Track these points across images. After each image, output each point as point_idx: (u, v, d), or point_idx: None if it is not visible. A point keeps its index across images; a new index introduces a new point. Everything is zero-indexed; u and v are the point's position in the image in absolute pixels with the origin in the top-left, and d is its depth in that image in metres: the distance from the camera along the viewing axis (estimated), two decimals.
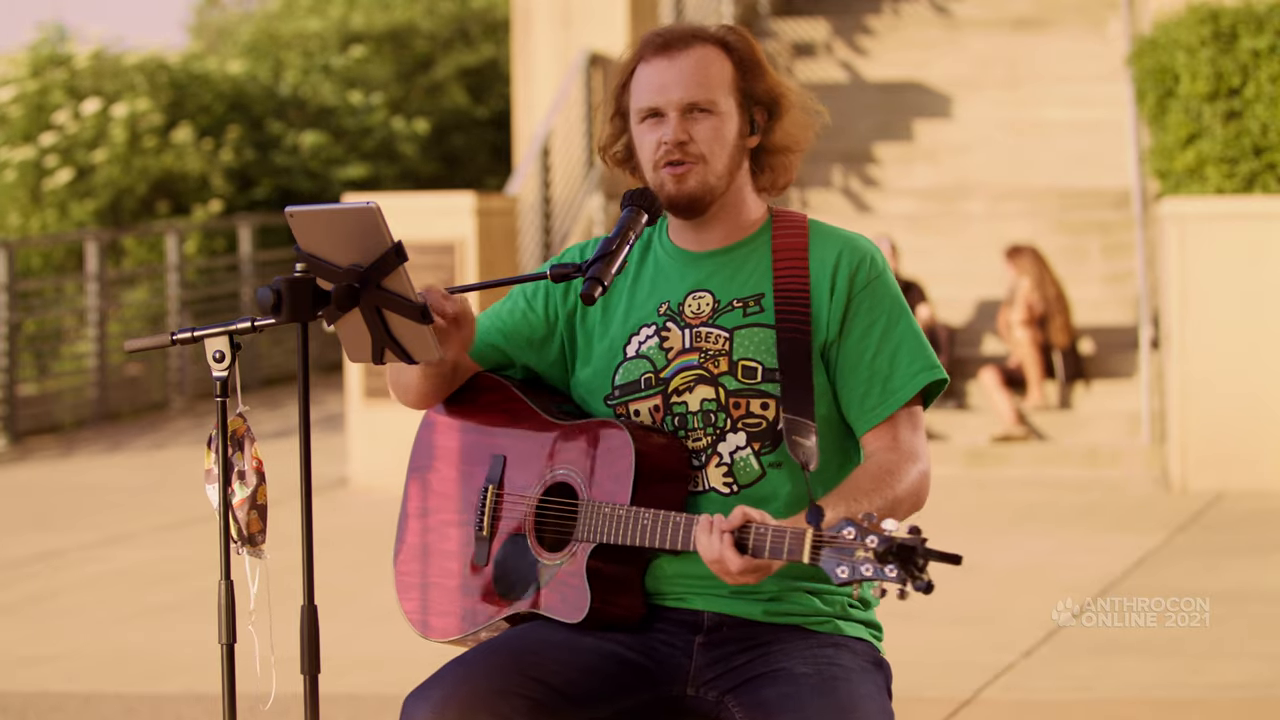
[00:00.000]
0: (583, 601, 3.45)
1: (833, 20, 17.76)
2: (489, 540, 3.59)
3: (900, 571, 3.13)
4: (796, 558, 3.24)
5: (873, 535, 3.16)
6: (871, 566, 3.15)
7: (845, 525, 3.19)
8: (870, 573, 3.15)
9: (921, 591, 3.13)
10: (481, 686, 3.34)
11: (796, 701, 3.37)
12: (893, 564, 3.13)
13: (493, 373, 3.69)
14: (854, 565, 3.17)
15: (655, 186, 3.54)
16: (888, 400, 3.52)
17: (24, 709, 7.16)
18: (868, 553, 3.16)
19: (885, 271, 3.57)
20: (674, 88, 3.50)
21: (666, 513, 3.40)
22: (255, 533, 3.44)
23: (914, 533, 3.14)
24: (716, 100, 3.51)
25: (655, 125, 3.52)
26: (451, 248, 13.32)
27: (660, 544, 3.40)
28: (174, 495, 13.29)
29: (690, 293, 3.58)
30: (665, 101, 3.51)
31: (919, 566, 3.13)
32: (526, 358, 3.68)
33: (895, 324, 3.54)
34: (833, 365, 3.53)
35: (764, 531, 3.28)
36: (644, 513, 3.41)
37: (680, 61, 3.51)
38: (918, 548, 3.13)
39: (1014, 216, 15.38)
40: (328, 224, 3.32)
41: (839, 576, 3.17)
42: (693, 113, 3.51)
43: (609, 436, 3.49)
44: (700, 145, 3.50)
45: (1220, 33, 13.17)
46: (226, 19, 34.74)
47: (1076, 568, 9.60)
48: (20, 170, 21.66)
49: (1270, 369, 12.23)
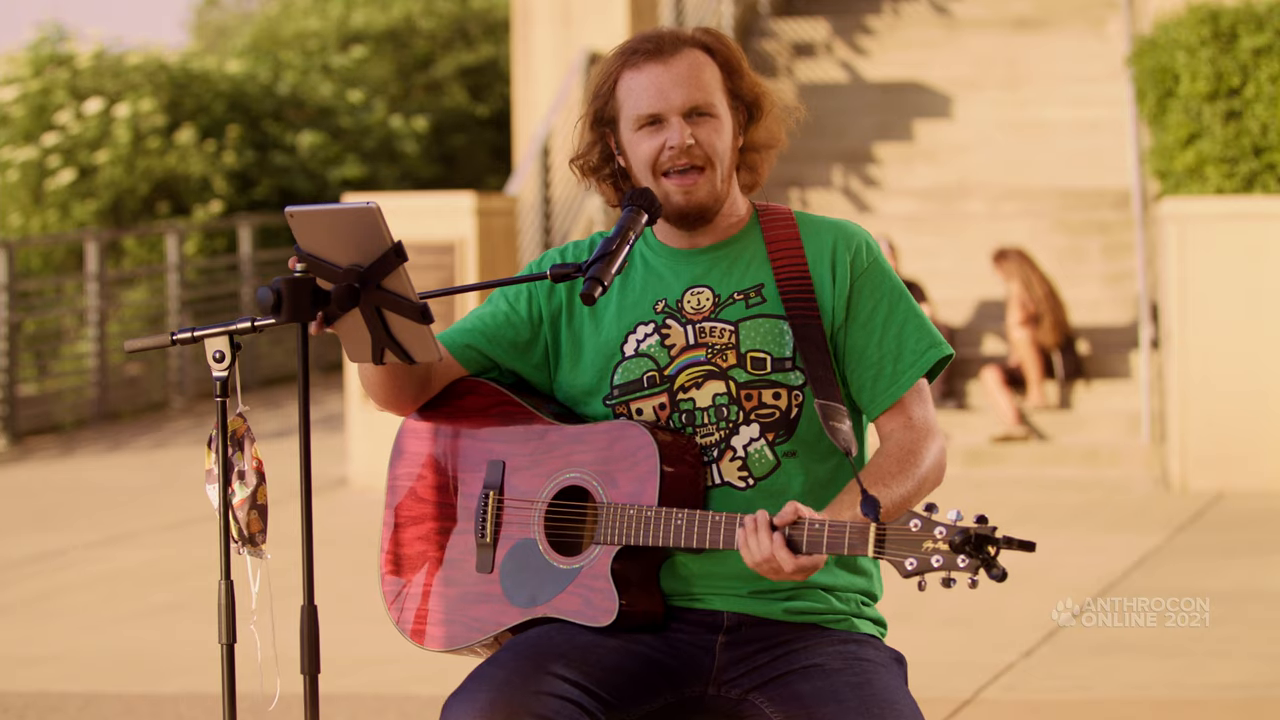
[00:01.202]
0: (610, 604, 3.44)
1: (833, 20, 17.76)
2: (492, 546, 3.57)
3: (972, 560, 3.16)
4: (860, 552, 3.26)
5: (941, 527, 3.19)
6: (941, 557, 3.18)
7: (910, 518, 3.21)
8: (939, 564, 3.19)
9: (997, 580, 3.16)
10: (523, 688, 3.32)
11: (835, 695, 3.39)
12: (965, 553, 3.16)
13: (476, 376, 3.67)
14: (923, 557, 3.20)
15: (660, 197, 3.53)
16: (899, 380, 3.54)
17: (24, 709, 7.16)
18: (937, 544, 3.19)
19: (880, 253, 3.60)
20: (674, 92, 3.50)
21: (703, 513, 3.40)
22: (255, 532, 3.44)
23: (981, 521, 3.18)
24: (714, 103, 3.52)
25: (656, 131, 3.51)
26: (451, 248, 13.31)
27: (698, 544, 3.40)
28: (174, 495, 13.29)
29: (688, 289, 3.58)
30: (667, 106, 3.50)
31: (992, 555, 3.17)
32: (510, 361, 3.65)
33: (897, 305, 3.56)
34: (841, 351, 3.55)
35: (819, 527, 3.29)
36: (676, 513, 3.40)
37: (676, 65, 3.51)
38: (992, 536, 3.17)
39: (1014, 216, 15.38)
40: (328, 224, 3.32)
41: (906, 569, 3.21)
42: (694, 116, 3.51)
43: (629, 438, 3.48)
44: (705, 149, 3.50)
45: (1220, 32, 13.17)
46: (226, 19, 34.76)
47: (1076, 568, 9.60)
48: (23, 170, 21.66)
49: (1270, 369, 12.24)
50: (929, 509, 3.22)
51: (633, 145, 3.53)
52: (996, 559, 3.17)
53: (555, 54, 16.27)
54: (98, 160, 21.70)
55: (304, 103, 23.98)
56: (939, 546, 3.18)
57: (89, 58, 22.64)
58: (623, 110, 3.54)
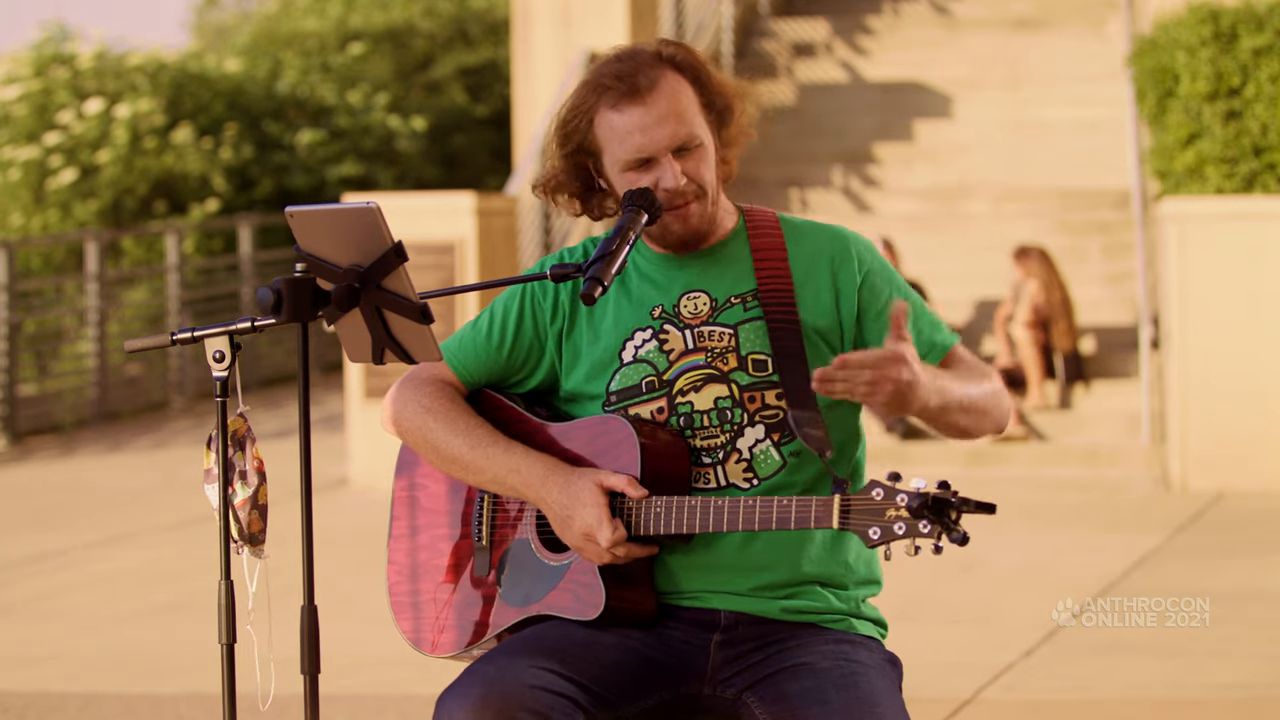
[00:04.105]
0: (596, 598, 3.46)
1: (833, 20, 17.76)
2: (489, 550, 3.60)
3: (934, 526, 3.17)
4: (826, 524, 3.29)
5: (902, 494, 3.21)
6: (904, 524, 3.21)
7: (873, 487, 3.24)
8: (903, 531, 3.21)
9: (957, 543, 3.18)
10: (517, 684, 3.33)
11: (820, 695, 3.39)
12: (926, 519, 3.17)
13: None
14: (886, 525, 3.22)
15: (659, 228, 3.56)
16: (939, 336, 3.58)
17: (24, 709, 7.16)
18: (898, 510, 3.20)
19: (873, 249, 3.63)
20: (659, 131, 3.50)
21: (680, 498, 3.43)
22: (256, 532, 3.44)
23: (943, 486, 3.19)
24: (696, 132, 3.53)
25: (646, 171, 3.52)
26: (451, 248, 13.32)
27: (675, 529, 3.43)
28: (174, 495, 13.29)
29: (684, 294, 3.60)
30: (655, 148, 3.51)
31: (953, 519, 3.18)
32: (524, 385, 3.68)
33: (909, 295, 3.59)
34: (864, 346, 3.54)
35: (787, 503, 3.33)
36: (657, 501, 3.43)
37: (656, 104, 3.51)
38: (952, 499, 3.18)
39: (1014, 217, 15.38)
40: (328, 224, 3.32)
41: (871, 538, 3.23)
42: (681, 151, 3.52)
43: (610, 430, 3.51)
44: (696, 180, 3.53)
45: (1220, 33, 13.17)
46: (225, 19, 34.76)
47: (1076, 568, 9.60)
48: (24, 170, 21.66)
49: (1270, 369, 12.23)
50: (893, 478, 3.24)
51: (622, 184, 3.55)
52: (958, 523, 3.18)
53: (555, 54, 16.27)
54: (99, 160, 21.70)
55: (303, 102, 23.98)
56: (900, 514, 3.21)
57: (91, 58, 22.65)
58: (606, 150, 3.55)
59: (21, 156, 21.69)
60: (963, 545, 3.17)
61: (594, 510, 3.43)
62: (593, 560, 3.45)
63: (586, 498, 3.44)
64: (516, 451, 3.54)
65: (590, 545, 3.44)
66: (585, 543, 3.44)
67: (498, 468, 3.54)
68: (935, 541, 3.18)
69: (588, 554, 3.45)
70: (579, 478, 3.47)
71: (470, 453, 3.56)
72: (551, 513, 3.48)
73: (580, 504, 3.45)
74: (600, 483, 3.45)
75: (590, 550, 3.44)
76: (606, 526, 3.42)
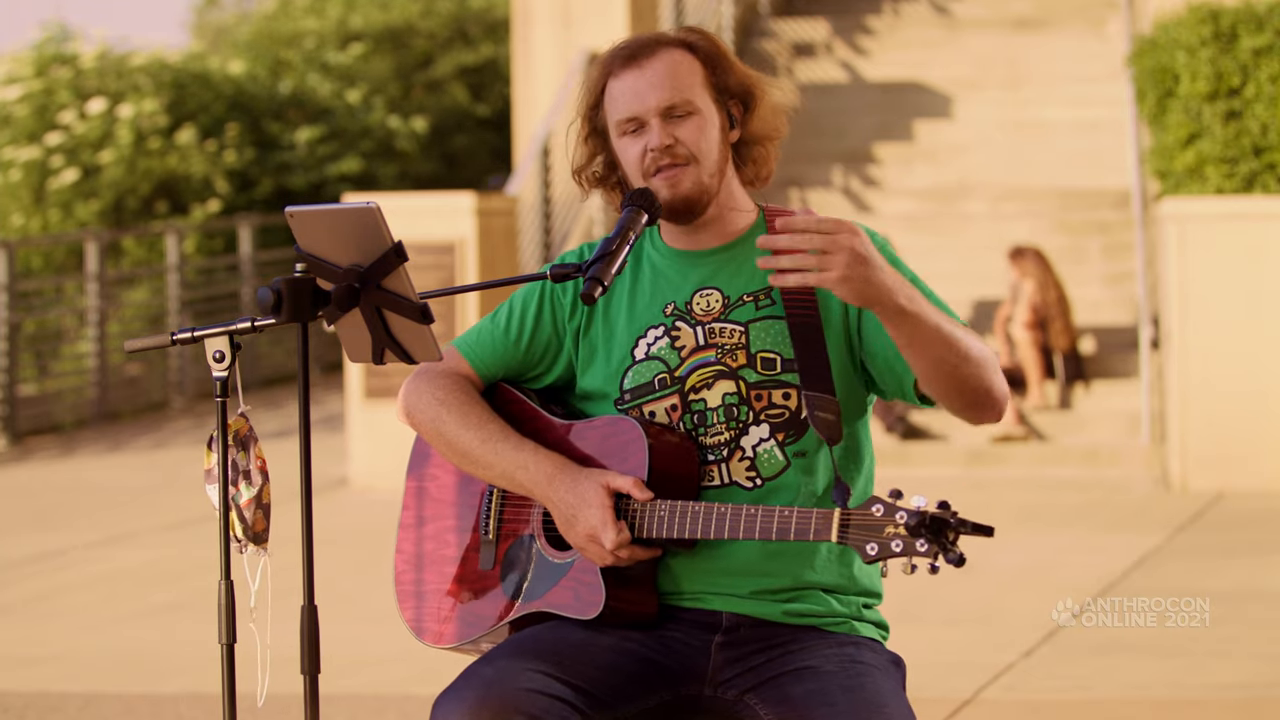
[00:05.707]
0: (596, 597, 3.46)
1: (833, 20, 17.76)
2: (495, 544, 3.60)
3: (931, 545, 3.17)
4: (825, 538, 3.29)
5: (901, 511, 3.20)
6: (901, 542, 3.20)
7: (873, 503, 3.23)
8: (900, 549, 3.20)
9: (954, 564, 3.17)
10: (513, 687, 3.33)
11: (826, 697, 3.39)
12: (924, 538, 3.16)
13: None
14: (883, 542, 3.21)
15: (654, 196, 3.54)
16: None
17: (24, 709, 7.16)
18: (897, 528, 3.20)
19: (886, 245, 3.57)
20: (649, 94, 3.51)
21: (684, 503, 3.42)
22: (261, 531, 3.45)
23: (943, 506, 3.18)
24: (693, 99, 3.52)
25: (638, 135, 3.53)
26: (451, 248, 13.31)
27: (677, 534, 3.42)
28: (174, 495, 13.29)
29: (697, 291, 3.59)
30: (644, 109, 3.51)
31: (951, 540, 3.17)
32: (540, 381, 3.69)
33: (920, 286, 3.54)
34: (869, 340, 3.51)
35: (788, 513, 3.33)
36: (661, 504, 3.43)
37: (651, 67, 3.52)
38: (950, 520, 3.17)
39: (1014, 217, 15.38)
40: (328, 224, 3.32)
41: (868, 554, 3.23)
42: (673, 116, 3.52)
43: (621, 431, 3.51)
44: (688, 146, 3.51)
45: (1220, 33, 13.17)
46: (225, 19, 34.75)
47: (1076, 568, 9.60)
48: (25, 170, 21.66)
49: (1270, 369, 12.23)
50: (894, 495, 3.23)
51: (621, 151, 3.56)
52: (955, 544, 3.18)
53: (555, 54, 16.27)
54: (101, 160, 21.70)
55: (304, 103, 23.98)
56: (899, 531, 3.20)
57: (92, 58, 22.64)
58: (610, 118, 3.57)
59: (22, 157, 21.69)
60: (959, 567, 3.17)
61: (599, 511, 3.43)
62: (595, 561, 3.45)
63: (592, 498, 3.44)
64: (526, 449, 3.54)
65: (594, 546, 3.44)
66: (589, 543, 3.44)
67: (507, 464, 3.54)
68: (932, 561, 3.17)
69: (591, 555, 3.45)
70: (586, 478, 3.47)
71: (481, 447, 3.57)
72: (557, 512, 3.49)
73: (586, 505, 3.45)
74: (607, 484, 3.45)
75: (593, 551, 3.44)
76: (610, 528, 3.42)
